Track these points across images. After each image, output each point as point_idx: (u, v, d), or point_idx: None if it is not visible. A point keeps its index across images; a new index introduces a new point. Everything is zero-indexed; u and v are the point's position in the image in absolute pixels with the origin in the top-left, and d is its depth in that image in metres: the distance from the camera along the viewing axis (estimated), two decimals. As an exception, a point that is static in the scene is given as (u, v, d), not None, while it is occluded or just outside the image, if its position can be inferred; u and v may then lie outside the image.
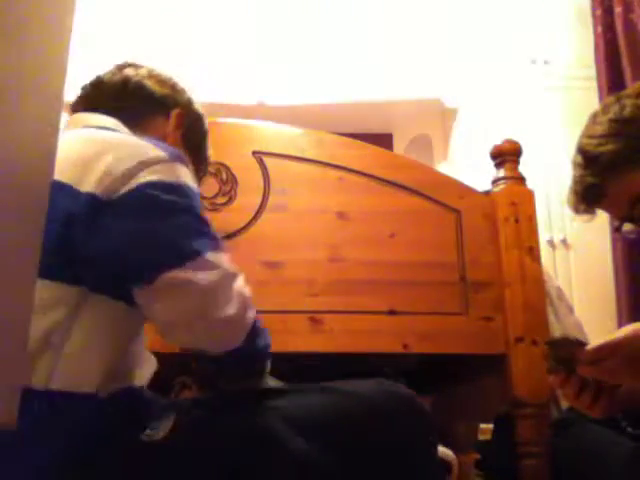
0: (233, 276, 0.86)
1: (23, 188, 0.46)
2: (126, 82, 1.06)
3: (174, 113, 1.10)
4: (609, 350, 0.98)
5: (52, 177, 0.50)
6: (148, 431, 0.76)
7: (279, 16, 3.34)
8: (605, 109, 1.20)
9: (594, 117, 1.22)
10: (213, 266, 0.82)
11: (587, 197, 1.18)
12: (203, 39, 3.21)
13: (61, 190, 0.78)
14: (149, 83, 1.08)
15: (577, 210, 1.21)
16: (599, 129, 1.19)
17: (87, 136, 0.91)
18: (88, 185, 0.80)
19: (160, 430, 0.77)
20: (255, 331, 0.89)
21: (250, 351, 0.89)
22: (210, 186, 1.39)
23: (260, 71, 3.27)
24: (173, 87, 1.13)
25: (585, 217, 1.22)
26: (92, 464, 0.74)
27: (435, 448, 0.88)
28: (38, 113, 0.49)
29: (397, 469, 0.80)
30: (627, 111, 1.15)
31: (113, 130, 0.95)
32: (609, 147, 1.15)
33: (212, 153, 1.21)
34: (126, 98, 1.05)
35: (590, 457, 1.25)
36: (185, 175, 0.88)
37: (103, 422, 0.76)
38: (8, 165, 0.44)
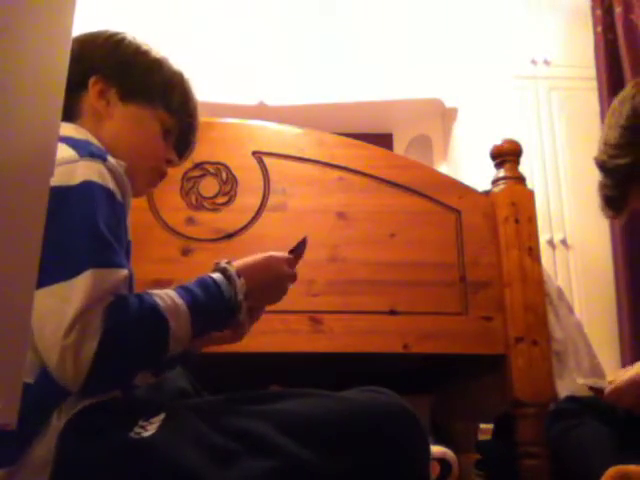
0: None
1: (23, 188, 0.46)
2: None
3: (90, 84, 0.94)
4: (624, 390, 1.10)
5: (52, 177, 0.50)
6: (137, 429, 0.77)
7: (279, 16, 3.35)
8: (617, 110, 1.21)
9: (609, 117, 1.23)
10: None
11: (610, 206, 1.26)
12: (203, 39, 3.21)
13: None
14: None
15: (606, 215, 1.30)
16: (612, 137, 1.20)
17: None
18: None
19: (149, 429, 0.77)
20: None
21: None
22: (210, 186, 1.39)
23: (260, 71, 3.26)
24: (79, 53, 0.92)
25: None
26: (78, 461, 0.74)
27: (425, 454, 0.87)
28: (38, 113, 0.48)
29: (381, 470, 0.80)
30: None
31: (63, 138, 0.83)
32: (625, 160, 1.17)
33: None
34: None
35: (580, 455, 1.26)
36: (87, 174, 0.78)
37: (93, 419, 0.77)
38: (7, 165, 0.44)
